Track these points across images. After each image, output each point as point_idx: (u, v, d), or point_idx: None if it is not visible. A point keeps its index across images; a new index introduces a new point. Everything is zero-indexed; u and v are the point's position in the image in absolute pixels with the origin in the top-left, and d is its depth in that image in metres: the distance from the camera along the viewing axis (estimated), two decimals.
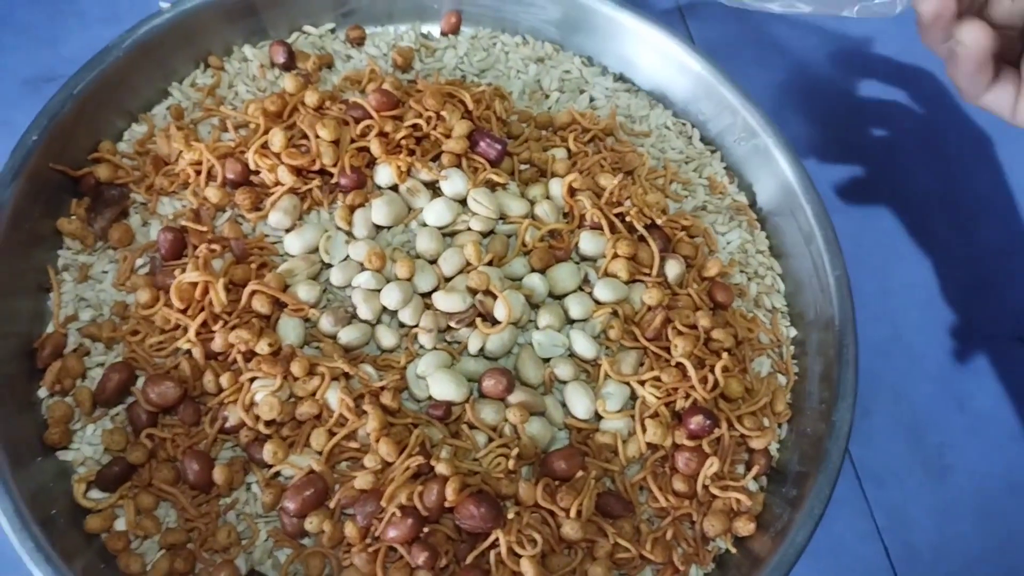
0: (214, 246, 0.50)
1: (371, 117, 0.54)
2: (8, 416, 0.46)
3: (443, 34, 0.64)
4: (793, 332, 0.57)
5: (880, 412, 0.61)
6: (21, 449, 0.46)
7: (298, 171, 0.53)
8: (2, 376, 0.47)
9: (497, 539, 0.45)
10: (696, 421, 0.49)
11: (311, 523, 0.45)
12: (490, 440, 0.48)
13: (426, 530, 0.45)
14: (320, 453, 0.47)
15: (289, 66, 0.59)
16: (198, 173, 0.53)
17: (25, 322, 0.50)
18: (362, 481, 0.45)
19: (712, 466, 0.49)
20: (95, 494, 0.47)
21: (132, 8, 0.61)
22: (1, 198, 0.49)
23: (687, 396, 0.50)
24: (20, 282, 0.50)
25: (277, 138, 0.52)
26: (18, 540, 0.42)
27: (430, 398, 0.49)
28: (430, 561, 0.44)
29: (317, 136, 0.53)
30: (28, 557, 0.42)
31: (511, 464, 0.47)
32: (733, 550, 0.50)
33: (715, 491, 0.49)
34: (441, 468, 0.45)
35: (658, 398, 0.50)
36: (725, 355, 0.52)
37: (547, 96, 0.62)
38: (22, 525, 0.43)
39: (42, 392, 0.49)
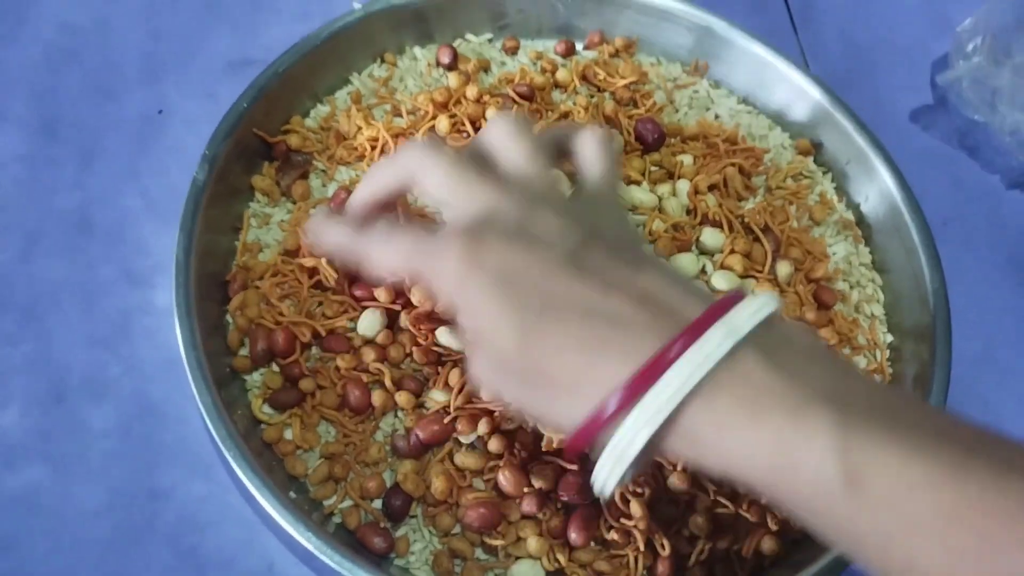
0: None
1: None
2: (207, 335, 0.54)
3: (586, 49, 0.72)
4: (890, 338, 0.62)
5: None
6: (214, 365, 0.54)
7: None
8: (202, 299, 0.55)
9: None
10: None
11: None
12: None
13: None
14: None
15: (452, 66, 0.68)
16: (373, 148, 0.62)
17: (222, 256, 0.59)
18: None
19: None
20: (268, 409, 0.55)
21: (321, 8, 0.71)
22: (217, 151, 0.58)
23: None
24: (222, 223, 0.59)
25: (443, 123, 0.60)
26: (215, 431, 0.50)
27: None
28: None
29: (480, 121, 0.61)
30: (223, 444, 0.49)
31: None
32: None
33: None
34: None
35: None
36: None
37: (677, 110, 0.69)
38: (225, 429, 0.50)
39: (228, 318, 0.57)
